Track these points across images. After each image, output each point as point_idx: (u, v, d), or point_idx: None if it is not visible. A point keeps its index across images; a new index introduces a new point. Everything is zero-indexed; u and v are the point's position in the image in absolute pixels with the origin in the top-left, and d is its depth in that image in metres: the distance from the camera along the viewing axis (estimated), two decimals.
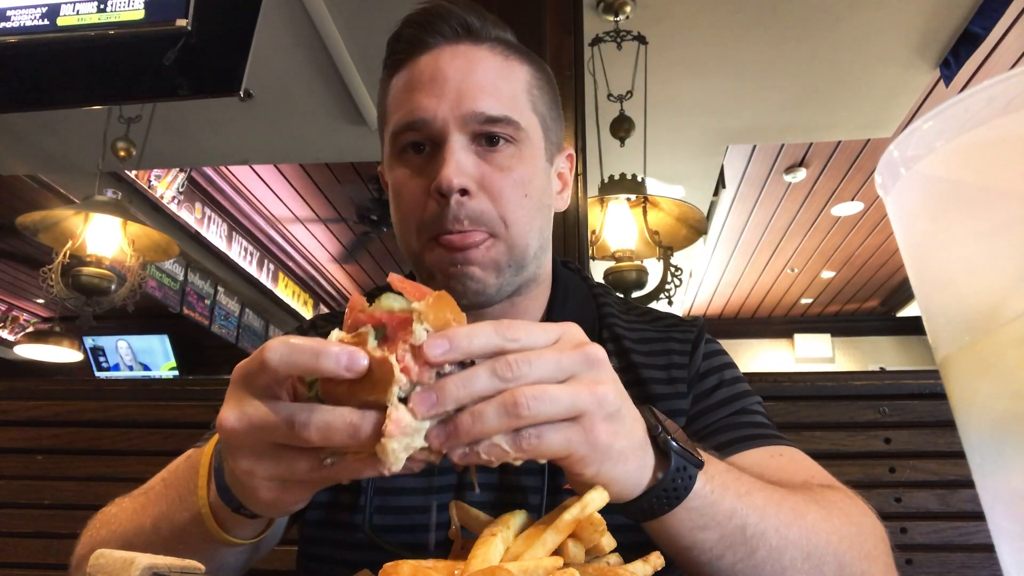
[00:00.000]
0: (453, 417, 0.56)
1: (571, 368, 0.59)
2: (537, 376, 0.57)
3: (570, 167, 1.09)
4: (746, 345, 10.20)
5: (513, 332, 0.58)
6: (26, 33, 2.20)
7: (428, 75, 0.93)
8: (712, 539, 0.69)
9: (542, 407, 0.56)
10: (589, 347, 0.61)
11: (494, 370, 0.56)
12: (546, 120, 1.00)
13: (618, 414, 0.61)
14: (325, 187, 6.49)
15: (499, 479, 0.95)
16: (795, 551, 0.72)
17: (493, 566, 0.56)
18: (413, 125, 0.92)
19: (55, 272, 3.57)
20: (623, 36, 3.22)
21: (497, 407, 0.56)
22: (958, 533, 1.49)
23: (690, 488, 0.66)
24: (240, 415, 0.58)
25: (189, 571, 0.55)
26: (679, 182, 4.75)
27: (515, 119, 0.93)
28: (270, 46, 3.41)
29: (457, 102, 0.91)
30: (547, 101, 1.01)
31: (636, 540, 0.75)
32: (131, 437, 1.73)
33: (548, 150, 1.01)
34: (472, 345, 0.56)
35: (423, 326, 0.55)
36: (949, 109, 0.39)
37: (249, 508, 0.67)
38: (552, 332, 0.61)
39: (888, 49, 3.55)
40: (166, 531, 0.78)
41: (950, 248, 0.42)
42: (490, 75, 0.94)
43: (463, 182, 0.89)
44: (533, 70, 1.00)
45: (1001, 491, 0.40)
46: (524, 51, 1.02)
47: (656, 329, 1.06)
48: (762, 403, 1.01)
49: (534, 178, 0.96)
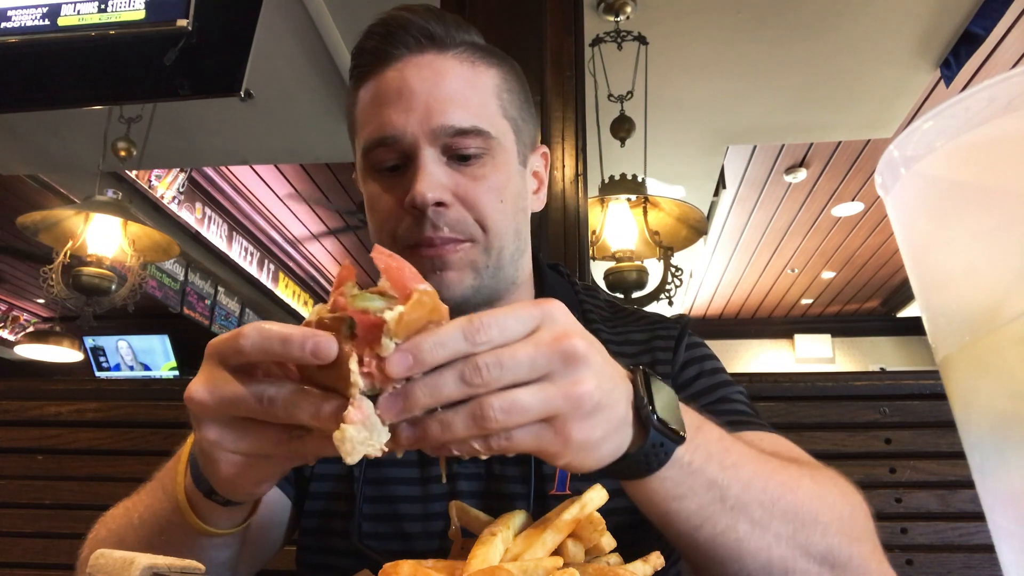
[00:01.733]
0: (422, 420, 0.56)
1: (546, 367, 0.57)
2: (509, 379, 0.56)
3: (545, 164, 1.09)
4: (746, 345, 10.20)
5: (484, 334, 0.55)
6: (27, 33, 2.20)
7: (395, 89, 0.93)
8: (689, 508, 0.68)
9: (511, 418, 0.55)
10: (568, 342, 0.58)
11: (462, 375, 0.55)
12: (517, 123, 1.00)
13: (596, 409, 0.59)
14: (325, 187, 6.50)
15: (485, 470, 0.96)
16: (780, 526, 0.71)
17: (493, 566, 0.56)
18: (383, 141, 0.92)
19: (55, 272, 3.57)
20: (623, 36, 3.22)
21: (465, 417, 0.55)
22: (958, 533, 1.49)
23: (664, 461, 0.65)
24: (212, 388, 0.60)
25: (189, 571, 0.55)
26: (679, 182, 4.75)
27: (485, 128, 0.93)
28: (270, 46, 3.40)
29: (426, 116, 0.90)
30: (517, 103, 1.00)
31: (636, 539, 0.75)
32: (131, 437, 1.73)
33: (521, 153, 1.00)
34: (437, 357, 0.54)
35: (392, 340, 0.54)
36: (949, 109, 0.39)
37: (214, 486, 0.68)
38: (529, 321, 0.58)
39: (888, 49, 3.55)
40: (150, 524, 0.79)
41: (950, 248, 0.42)
42: (457, 85, 0.93)
43: (437, 195, 0.89)
44: (501, 72, 0.99)
45: (1001, 491, 0.40)
46: (491, 52, 1.00)
47: (640, 329, 1.07)
48: (744, 393, 1.01)
49: (508, 183, 0.96)
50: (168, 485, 0.77)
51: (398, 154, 0.93)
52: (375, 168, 0.95)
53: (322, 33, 3.38)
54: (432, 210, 0.90)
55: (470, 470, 0.96)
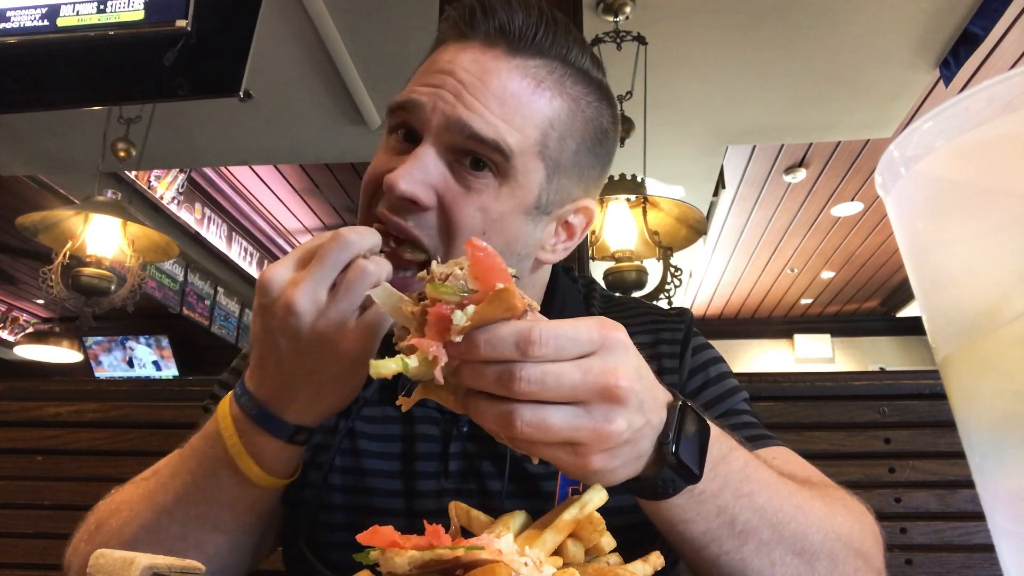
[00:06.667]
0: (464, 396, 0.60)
1: (586, 397, 0.57)
2: (544, 396, 0.56)
3: (585, 221, 0.95)
4: (746, 345, 10.20)
5: (538, 349, 0.55)
6: (26, 34, 2.20)
7: (441, 66, 0.86)
8: (696, 531, 0.69)
9: (535, 434, 0.56)
10: (614, 380, 0.57)
11: (500, 378, 0.56)
12: (558, 167, 0.87)
13: (620, 446, 0.59)
14: (325, 187, 6.49)
15: (477, 487, 0.93)
16: (788, 547, 0.71)
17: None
18: (404, 105, 0.86)
19: (55, 272, 3.57)
20: (623, 36, 3.22)
21: (496, 415, 0.57)
22: (958, 533, 1.49)
23: (673, 494, 0.66)
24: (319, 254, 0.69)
25: (189, 571, 0.55)
26: (679, 182, 4.75)
27: (505, 149, 0.82)
28: (270, 46, 3.41)
29: (451, 105, 0.83)
30: (572, 148, 0.88)
31: (636, 539, 0.75)
32: (131, 437, 1.73)
33: (546, 198, 0.88)
34: (486, 357, 0.56)
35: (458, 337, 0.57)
36: (949, 109, 0.39)
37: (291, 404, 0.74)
38: (587, 346, 0.57)
39: (888, 49, 3.55)
40: (195, 498, 0.78)
41: (950, 248, 0.42)
42: (501, 94, 0.83)
43: (412, 189, 0.80)
44: (572, 109, 0.88)
45: (1001, 491, 0.40)
46: (579, 82, 0.89)
47: (644, 329, 1.02)
48: (749, 399, 1.00)
49: (502, 218, 0.85)
50: (211, 447, 0.77)
51: (408, 127, 0.87)
52: (389, 129, 0.90)
53: (322, 33, 3.38)
54: (406, 208, 0.82)
55: (457, 485, 0.94)
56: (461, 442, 0.95)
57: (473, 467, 0.94)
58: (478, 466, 0.94)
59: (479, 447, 0.94)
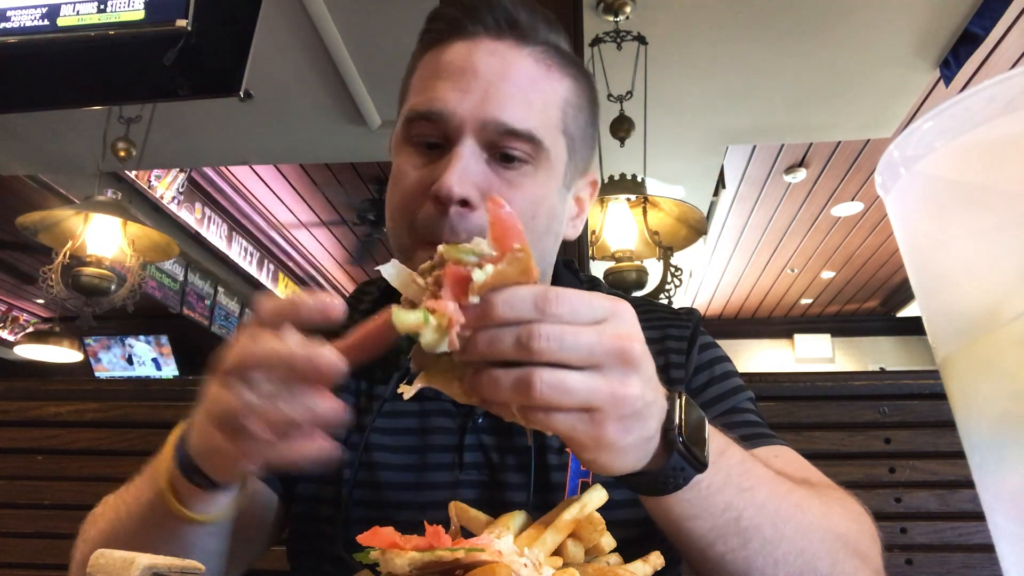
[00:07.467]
0: (476, 371, 0.58)
1: (601, 359, 0.57)
2: (564, 357, 0.56)
3: (591, 193, 1.02)
4: (746, 345, 10.20)
5: (555, 307, 0.56)
6: (26, 33, 2.20)
7: (458, 66, 0.86)
8: (703, 528, 0.69)
9: (555, 396, 0.56)
10: (629, 343, 0.58)
11: (520, 337, 0.56)
12: (575, 142, 0.93)
13: (634, 415, 0.59)
14: (325, 187, 6.49)
15: (489, 477, 0.94)
16: (789, 546, 0.71)
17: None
18: (428, 115, 0.86)
19: (55, 272, 3.57)
20: (623, 36, 3.22)
21: (513, 380, 0.56)
22: (958, 533, 1.49)
23: (682, 485, 0.65)
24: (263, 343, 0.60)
25: (189, 571, 0.55)
26: (679, 182, 4.75)
27: (539, 137, 0.86)
28: (270, 46, 3.40)
29: (481, 104, 0.84)
30: (582, 122, 0.94)
31: (636, 536, 0.75)
32: (131, 437, 1.73)
33: (569, 174, 0.93)
34: (504, 316, 0.56)
35: (476, 298, 0.56)
36: (949, 109, 0.39)
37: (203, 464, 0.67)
38: (600, 311, 0.58)
39: (888, 49, 3.55)
40: (136, 517, 0.77)
41: (950, 248, 0.42)
42: (524, 83, 0.86)
43: (465, 191, 0.82)
44: (576, 86, 0.93)
45: (1001, 491, 0.40)
46: (572, 62, 0.94)
47: (652, 326, 1.02)
48: (753, 399, 1.01)
49: (546, 200, 0.89)
50: (153, 475, 0.75)
51: (440, 133, 0.86)
52: (412, 141, 0.89)
53: (322, 33, 3.38)
54: (455, 210, 0.82)
55: (473, 477, 0.94)
56: (477, 434, 0.95)
57: (488, 459, 0.94)
58: (493, 458, 0.94)
59: (495, 439, 0.95)
